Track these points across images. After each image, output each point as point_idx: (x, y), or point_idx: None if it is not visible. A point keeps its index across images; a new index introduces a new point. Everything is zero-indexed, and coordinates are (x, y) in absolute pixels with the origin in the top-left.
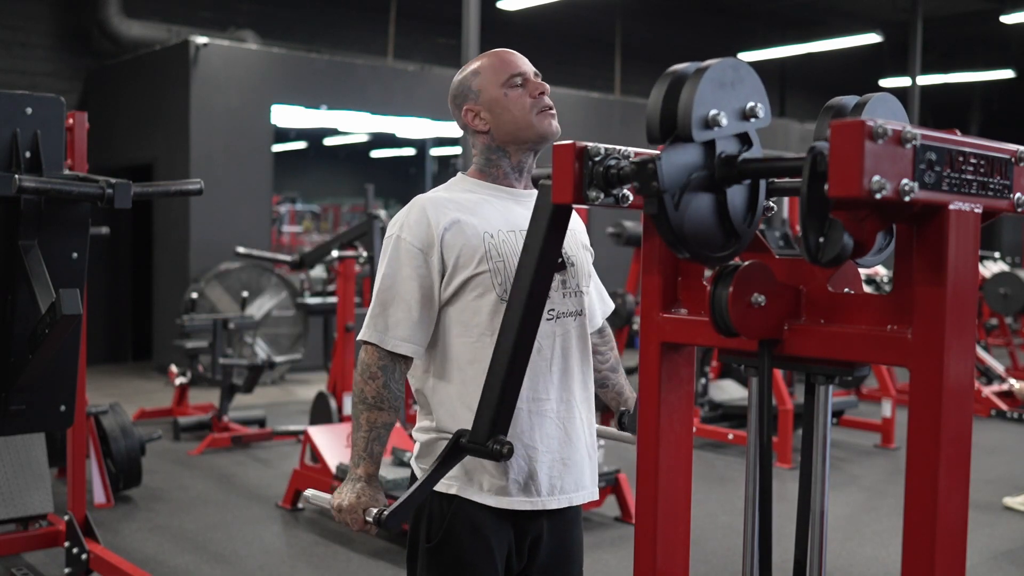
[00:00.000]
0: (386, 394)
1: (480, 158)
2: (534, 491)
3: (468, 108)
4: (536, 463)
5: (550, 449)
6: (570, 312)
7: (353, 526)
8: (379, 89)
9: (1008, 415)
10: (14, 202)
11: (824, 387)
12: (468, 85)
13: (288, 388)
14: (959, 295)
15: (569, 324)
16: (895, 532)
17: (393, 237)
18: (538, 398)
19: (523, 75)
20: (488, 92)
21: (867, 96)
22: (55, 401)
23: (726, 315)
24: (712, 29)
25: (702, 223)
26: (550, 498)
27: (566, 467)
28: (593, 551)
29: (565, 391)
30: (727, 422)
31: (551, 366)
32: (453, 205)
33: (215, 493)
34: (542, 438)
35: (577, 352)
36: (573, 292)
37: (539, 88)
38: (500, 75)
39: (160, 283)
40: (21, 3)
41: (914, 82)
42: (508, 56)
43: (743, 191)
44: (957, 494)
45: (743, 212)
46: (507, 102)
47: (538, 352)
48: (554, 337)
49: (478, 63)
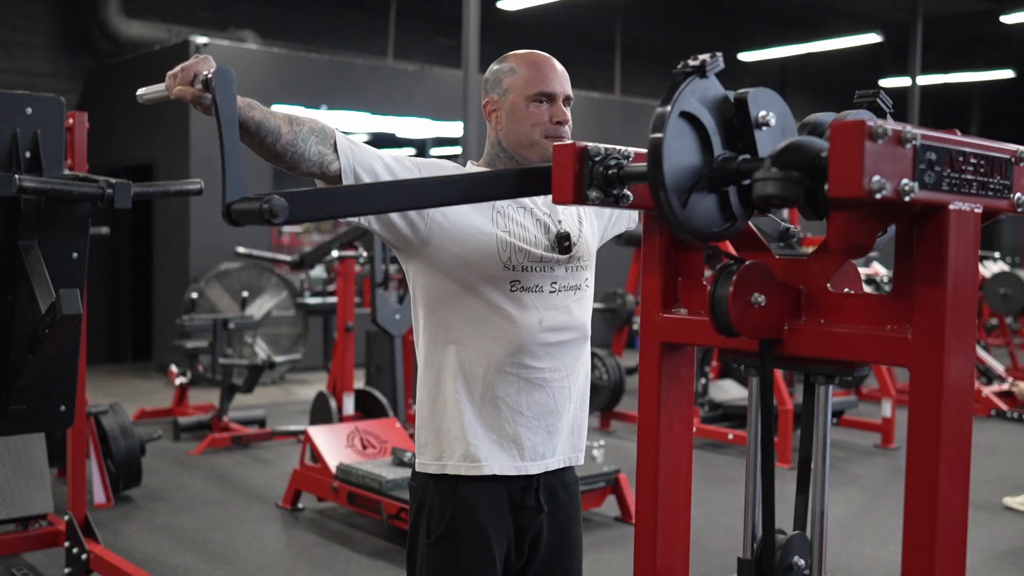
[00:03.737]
0: (298, 128)
1: (490, 151)
2: (518, 456)
3: (490, 100)
4: (523, 428)
5: (537, 416)
6: (571, 286)
7: (185, 95)
8: (379, 89)
9: (1008, 415)
10: (14, 202)
11: (824, 387)
12: (500, 79)
13: (288, 388)
14: (959, 295)
15: (569, 298)
16: (895, 532)
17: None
18: (529, 365)
19: (552, 96)
20: (512, 96)
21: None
22: (55, 401)
23: (726, 315)
24: (712, 29)
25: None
26: (532, 463)
27: (549, 434)
28: (593, 551)
29: (560, 362)
30: (727, 422)
31: (548, 336)
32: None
33: (215, 493)
34: (530, 405)
35: (576, 325)
36: (576, 267)
37: (559, 116)
38: (530, 87)
39: (160, 283)
40: (21, 3)
41: (914, 82)
42: (547, 69)
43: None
44: (957, 494)
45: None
46: (525, 115)
47: (539, 323)
48: (555, 309)
49: (518, 62)
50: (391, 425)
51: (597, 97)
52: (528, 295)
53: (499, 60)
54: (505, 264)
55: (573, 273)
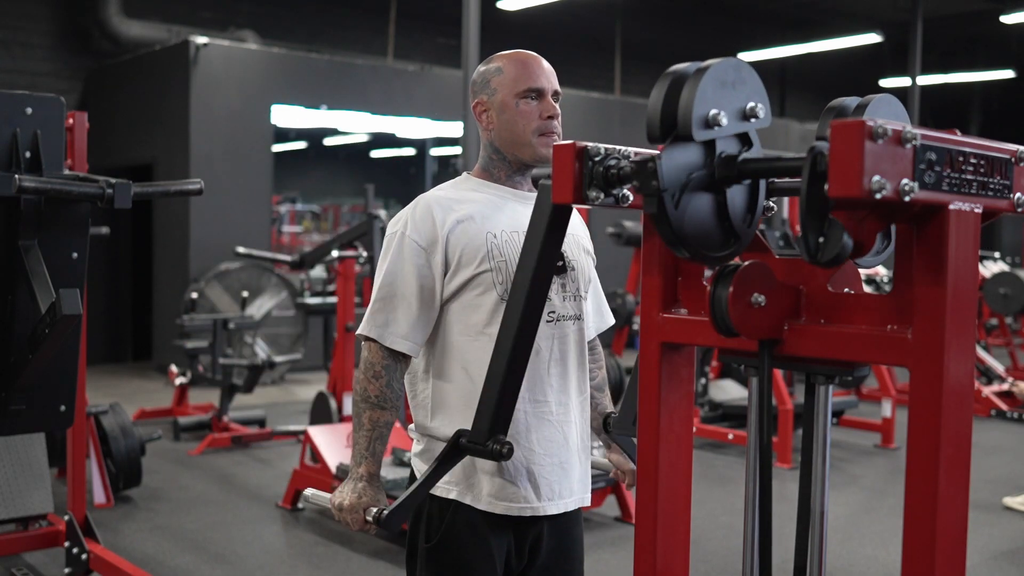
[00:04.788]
0: (389, 393)
1: (484, 156)
2: (534, 496)
3: (479, 102)
4: (535, 466)
5: (549, 452)
6: (569, 315)
7: (353, 526)
8: (379, 89)
9: (1008, 415)
10: (14, 202)
11: (824, 387)
12: (488, 79)
13: (288, 388)
14: (959, 295)
15: (568, 327)
16: (895, 532)
17: (397, 234)
18: (536, 400)
19: (540, 91)
20: (501, 95)
21: (869, 97)
22: (55, 401)
23: (726, 315)
24: (712, 29)
25: (702, 223)
26: (550, 503)
27: (564, 471)
28: (593, 551)
29: (563, 394)
30: (727, 422)
31: (549, 368)
32: (458, 204)
33: (215, 493)
34: (540, 441)
35: (575, 355)
36: (573, 296)
37: (550, 111)
38: (518, 84)
39: (160, 283)
40: (21, 3)
41: (914, 82)
42: (533, 66)
43: (743, 191)
44: (957, 494)
45: (743, 212)
46: (515, 113)
47: (536, 355)
48: (552, 339)
49: (504, 61)
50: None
51: (597, 97)
52: None
53: (485, 62)
54: (502, 296)
55: (570, 303)
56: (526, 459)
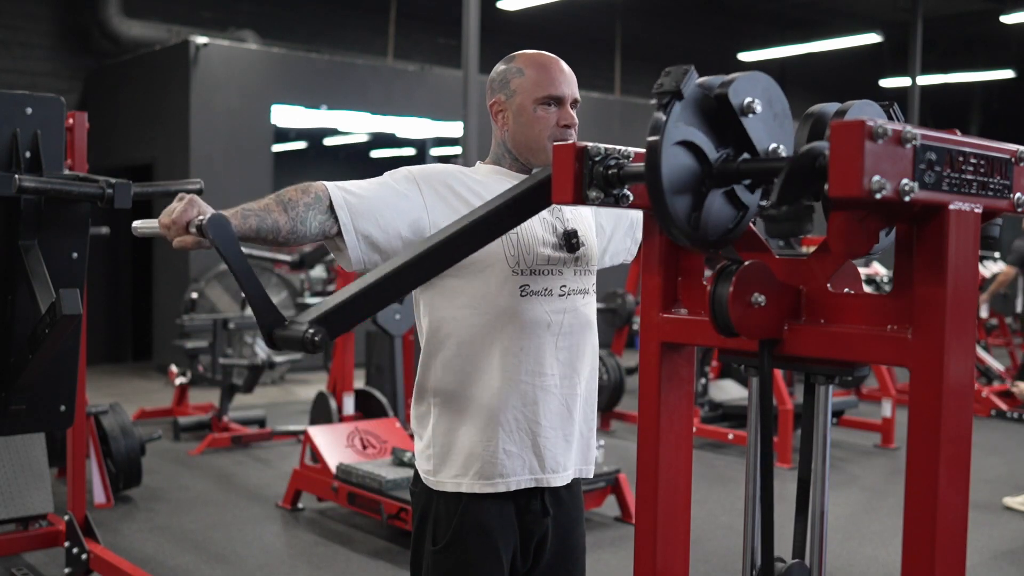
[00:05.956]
0: (294, 213)
1: (496, 152)
2: (538, 467)
3: (497, 101)
4: (540, 438)
5: (553, 425)
6: (580, 289)
7: (174, 238)
8: (379, 89)
9: (1008, 415)
10: (14, 202)
11: (824, 387)
12: (508, 80)
13: (288, 388)
14: (959, 295)
15: (578, 301)
16: (895, 532)
17: (401, 169)
18: (544, 373)
19: (560, 99)
20: (520, 98)
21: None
22: (55, 401)
23: (726, 315)
24: (712, 29)
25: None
26: (554, 475)
27: (567, 444)
28: (593, 551)
29: (569, 367)
30: (727, 422)
31: (558, 341)
32: (473, 182)
33: (215, 493)
34: (546, 414)
35: (584, 329)
36: (584, 271)
37: (567, 120)
38: (539, 90)
39: (160, 283)
40: (21, 3)
41: (914, 82)
42: (555, 72)
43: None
44: (957, 494)
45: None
46: (533, 118)
47: (547, 328)
48: (564, 313)
49: (526, 63)
50: (391, 425)
51: (597, 97)
52: (537, 299)
53: (506, 60)
54: (513, 269)
55: (581, 277)
56: (532, 431)
